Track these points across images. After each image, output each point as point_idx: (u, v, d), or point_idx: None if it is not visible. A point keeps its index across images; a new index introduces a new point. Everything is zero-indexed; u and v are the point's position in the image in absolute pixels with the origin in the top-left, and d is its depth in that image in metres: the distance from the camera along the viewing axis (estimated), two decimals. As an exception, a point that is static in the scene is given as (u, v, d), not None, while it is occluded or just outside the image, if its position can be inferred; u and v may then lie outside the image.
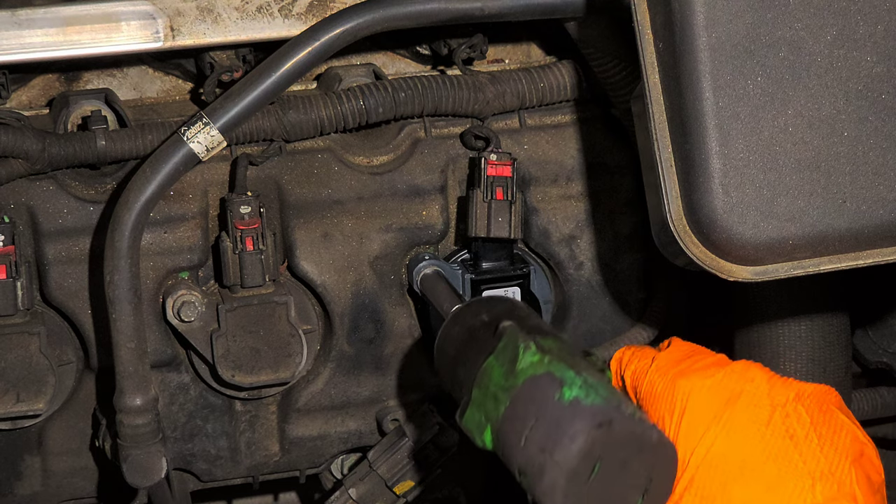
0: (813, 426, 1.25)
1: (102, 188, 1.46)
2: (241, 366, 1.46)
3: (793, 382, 1.28)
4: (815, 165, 1.20)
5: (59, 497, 1.57)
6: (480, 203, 1.48)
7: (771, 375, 1.28)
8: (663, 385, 1.28)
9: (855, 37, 1.20)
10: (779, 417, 1.25)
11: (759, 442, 1.24)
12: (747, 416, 1.24)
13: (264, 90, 1.36)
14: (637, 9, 1.22)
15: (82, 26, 1.38)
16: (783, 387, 1.27)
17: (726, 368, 1.28)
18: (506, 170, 1.47)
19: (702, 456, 1.24)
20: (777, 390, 1.26)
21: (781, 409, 1.25)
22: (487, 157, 1.47)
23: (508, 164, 1.47)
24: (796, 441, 1.24)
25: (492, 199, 1.47)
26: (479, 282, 1.52)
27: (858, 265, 1.24)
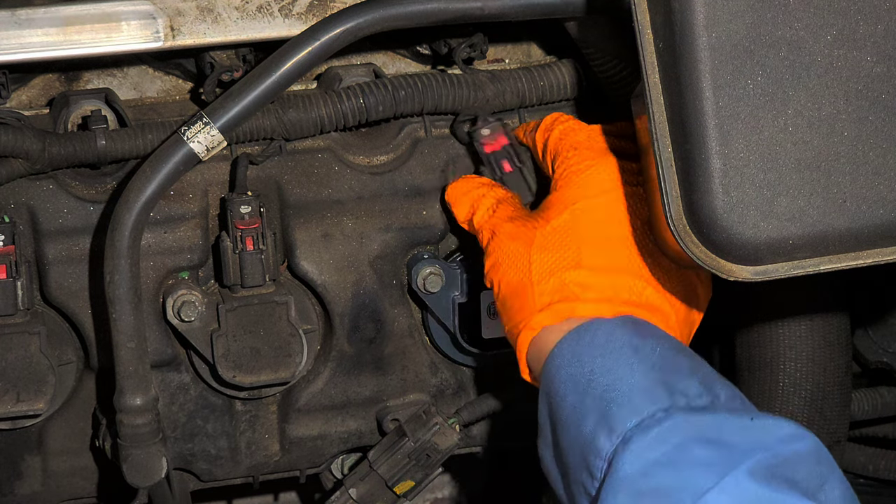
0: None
1: (102, 188, 1.46)
2: (241, 366, 1.46)
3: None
4: (815, 165, 1.20)
5: (59, 497, 1.57)
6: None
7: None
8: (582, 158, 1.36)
9: (855, 37, 1.20)
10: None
11: (628, 228, 1.32)
12: (636, 201, 1.33)
13: (264, 90, 1.36)
14: (637, 9, 1.22)
15: (82, 26, 1.38)
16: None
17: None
18: (501, 139, 1.47)
19: (573, 211, 1.33)
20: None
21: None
22: (481, 137, 1.46)
23: (501, 133, 1.46)
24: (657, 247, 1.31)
25: (502, 175, 1.47)
26: (478, 282, 1.52)
27: (858, 265, 1.24)
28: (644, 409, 1.18)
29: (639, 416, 1.18)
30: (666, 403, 1.18)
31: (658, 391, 1.20)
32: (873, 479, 1.87)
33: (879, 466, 1.83)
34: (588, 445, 1.20)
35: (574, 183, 1.35)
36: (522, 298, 1.33)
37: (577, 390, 1.24)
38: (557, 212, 1.34)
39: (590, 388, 1.23)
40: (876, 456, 1.83)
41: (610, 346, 1.25)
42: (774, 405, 1.59)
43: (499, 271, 1.36)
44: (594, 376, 1.24)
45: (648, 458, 1.14)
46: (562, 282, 1.32)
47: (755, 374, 1.60)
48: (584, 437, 1.21)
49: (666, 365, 1.23)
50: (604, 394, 1.22)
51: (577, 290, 1.31)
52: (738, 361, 1.63)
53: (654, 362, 1.23)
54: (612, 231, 1.33)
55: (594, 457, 1.19)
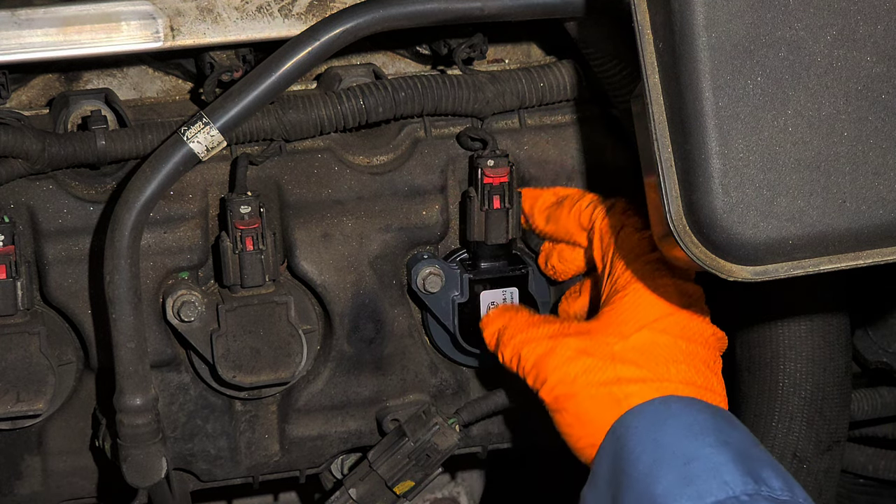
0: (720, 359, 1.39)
1: (102, 188, 1.46)
2: (241, 366, 1.46)
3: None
4: (815, 165, 1.20)
5: (59, 497, 1.57)
6: (478, 211, 1.49)
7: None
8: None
9: (855, 37, 1.20)
10: (717, 336, 1.39)
11: (699, 344, 1.37)
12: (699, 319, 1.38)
13: (264, 90, 1.36)
14: (637, 9, 1.22)
15: (82, 26, 1.38)
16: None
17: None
18: (503, 176, 1.48)
19: (653, 328, 1.36)
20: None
21: (719, 332, 1.40)
22: (484, 166, 1.47)
23: (505, 170, 1.48)
24: (717, 363, 1.38)
25: (489, 209, 1.48)
26: (477, 282, 1.52)
27: (858, 265, 1.24)
28: (732, 487, 1.21)
29: (725, 493, 1.21)
30: (752, 489, 1.22)
31: (745, 475, 1.23)
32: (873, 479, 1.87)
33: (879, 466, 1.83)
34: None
35: (644, 302, 1.37)
36: (613, 410, 1.34)
37: (657, 453, 1.26)
38: (633, 328, 1.36)
39: (672, 457, 1.26)
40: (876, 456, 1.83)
41: (696, 426, 1.29)
42: (774, 405, 1.59)
43: (577, 382, 1.36)
44: (677, 448, 1.26)
45: None
46: (659, 390, 1.34)
47: (755, 374, 1.60)
48: (655, 495, 1.23)
49: (750, 453, 1.26)
50: (686, 464, 1.24)
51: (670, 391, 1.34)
52: (738, 361, 1.63)
53: (738, 448, 1.26)
54: (688, 349, 1.36)
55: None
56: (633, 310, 1.37)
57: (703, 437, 1.27)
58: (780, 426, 1.59)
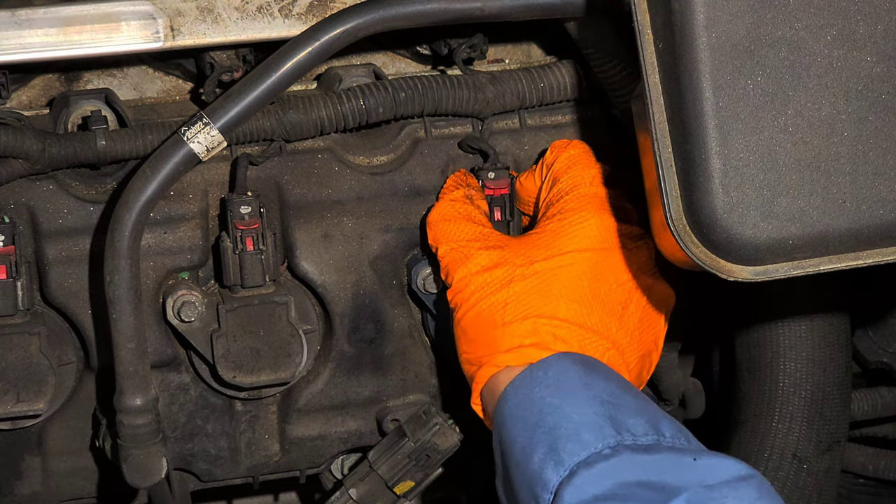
0: (641, 313, 1.39)
1: (102, 188, 1.46)
2: (241, 366, 1.46)
3: (659, 273, 1.40)
4: (815, 165, 1.20)
5: (59, 497, 1.57)
6: None
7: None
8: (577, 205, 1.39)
9: (855, 37, 1.20)
10: (632, 286, 1.38)
11: (605, 288, 1.36)
12: (615, 264, 1.38)
13: (264, 90, 1.36)
14: (637, 9, 1.22)
15: (82, 26, 1.38)
16: (650, 269, 1.40)
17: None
18: (504, 188, 1.48)
19: (559, 262, 1.36)
20: (646, 267, 1.40)
21: (634, 283, 1.38)
22: (485, 178, 1.48)
23: (506, 181, 1.48)
24: (625, 311, 1.38)
25: (491, 221, 1.48)
26: (479, 282, 1.52)
27: (858, 265, 1.24)
28: (591, 444, 1.21)
29: (586, 451, 1.21)
30: (612, 441, 1.22)
31: (606, 428, 1.23)
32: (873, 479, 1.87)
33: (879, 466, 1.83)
34: (536, 478, 1.23)
35: (566, 232, 1.38)
36: (490, 334, 1.36)
37: (526, 429, 1.27)
38: (543, 256, 1.37)
39: (539, 425, 1.26)
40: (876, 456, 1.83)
41: (562, 383, 1.29)
42: (774, 405, 1.59)
43: (468, 299, 1.38)
44: (543, 414, 1.27)
45: (590, 493, 1.18)
46: (535, 328, 1.35)
47: (755, 374, 1.60)
48: (532, 472, 1.24)
49: (615, 402, 1.26)
50: (553, 429, 1.25)
51: (549, 339, 1.34)
52: (738, 361, 1.63)
53: (603, 399, 1.27)
54: (591, 288, 1.36)
55: (541, 489, 1.22)
56: (550, 237, 1.38)
57: (568, 398, 1.27)
58: (780, 426, 1.59)
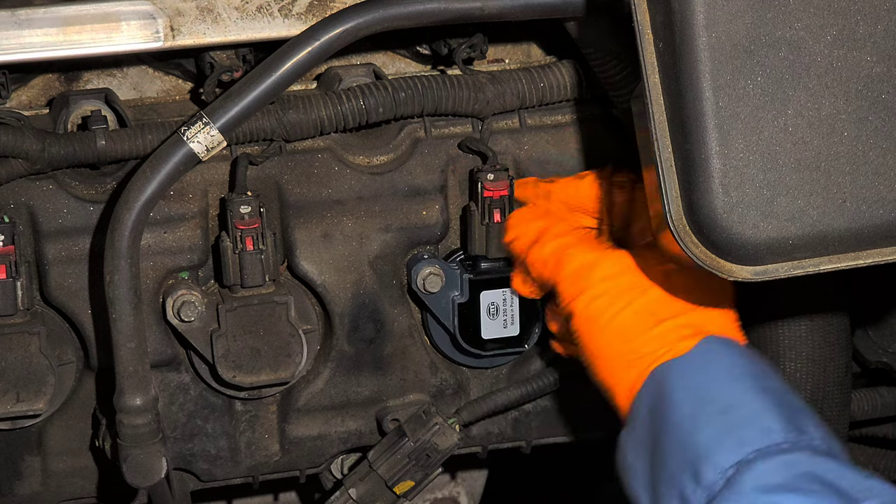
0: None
1: (102, 188, 1.46)
2: (241, 366, 1.46)
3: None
4: (815, 165, 1.20)
5: (59, 497, 1.57)
6: (479, 226, 1.49)
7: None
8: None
9: (855, 37, 1.20)
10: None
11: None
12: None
13: (264, 90, 1.36)
14: (637, 9, 1.22)
15: (82, 26, 1.38)
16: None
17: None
18: (503, 189, 1.48)
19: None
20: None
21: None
22: (484, 180, 1.48)
23: (505, 183, 1.48)
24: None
25: (489, 223, 1.48)
26: (477, 282, 1.52)
27: (858, 265, 1.24)
28: (775, 434, 1.22)
29: (768, 440, 1.21)
30: (793, 436, 1.22)
31: (785, 422, 1.23)
32: (873, 479, 1.86)
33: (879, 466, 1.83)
34: (701, 454, 1.23)
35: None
36: (646, 334, 1.34)
37: (695, 400, 1.27)
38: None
39: (711, 402, 1.26)
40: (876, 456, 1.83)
41: (734, 371, 1.29)
42: (774, 405, 1.59)
43: (616, 302, 1.35)
44: (717, 394, 1.27)
45: (772, 481, 1.18)
46: (701, 321, 1.35)
47: (755, 374, 1.60)
48: (697, 446, 1.24)
49: (788, 402, 1.27)
50: (727, 411, 1.25)
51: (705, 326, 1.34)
52: (738, 361, 1.63)
53: (777, 396, 1.27)
54: (724, 288, 1.37)
55: (708, 466, 1.22)
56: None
57: (743, 383, 1.27)
58: (781, 426, 1.59)
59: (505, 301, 1.53)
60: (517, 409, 1.62)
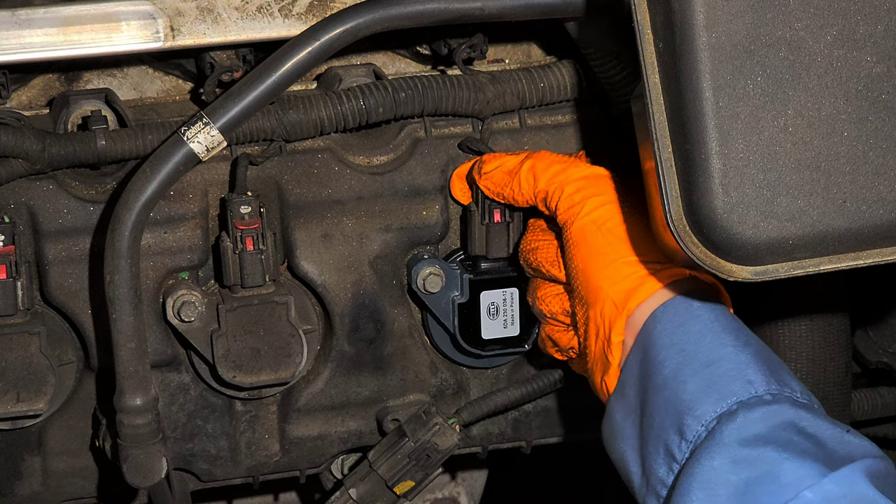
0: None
1: (102, 188, 1.46)
2: (241, 366, 1.46)
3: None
4: (815, 165, 1.20)
5: (59, 497, 1.57)
6: (479, 226, 1.49)
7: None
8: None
9: (855, 37, 1.20)
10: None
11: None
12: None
13: (264, 90, 1.36)
14: (637, 9, 1.22)
15: (82, 26, 1.38)
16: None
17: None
18: None
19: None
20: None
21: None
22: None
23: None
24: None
25: (489, 223, 1.48)
26: (477, 282, 1.52)
27: (858, 265, 1.24)
28: (756, 386, 1.23)
29: (749, 392, 1.23)
30: (776, 389, 1.23)
31: (767, 375, 1.25)
32: (873, 479, 1.86)
33: (879, 466, 1.82)
34: (685, 407, 1.24)
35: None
36: (646, 244, 1.34)
37: (680, 356, 1.28)
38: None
39: (696, 356, 1.27)
40: (876, 456, 1.83)
41: (716, 325, 1.30)
42: (774, 405, 1.59)
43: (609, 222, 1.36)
44: (700, 347, 1.28)
45: (753, 432, 1.20)
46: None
47: (755, 375, 1.60)
48: (682, 400, 1.25)
49: (768, 356, 1.28)
50: (710, 365, 1.26)
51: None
52: (738, 361, 1.63)
53: (757, 350, 1.28)
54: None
55: (691, 419, 1.23)
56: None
57: (725, 337, 1.29)
58: (781, 426, 1.59)
59: (505, 301, 1.53)
60: (517, 409, 1.62)
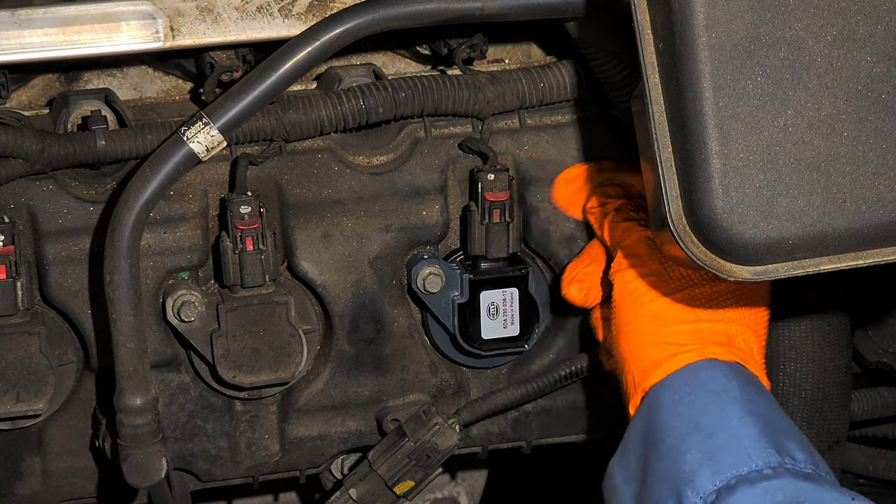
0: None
1: (102, 188, 1.46)
2: (241, 366, 1.46)
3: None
4: (815, 165, 1.20)
5: (59, 497, 1.57)
6: (478, 225, 1.49)
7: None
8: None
9: (855, 37, 1.20)
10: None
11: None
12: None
13: (264, 90, 1.36)
14: (637, 9, 1.22)
15: (82, 26, 1.38)
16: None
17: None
18: (504, 196, 1.48)
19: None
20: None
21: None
22: (484, 180, 1.48)
23: (505, 183, 1.48)
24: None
25: (489, 222, 1.48)
26: (477, 282, 1.52)
27: (858, 265, 1.24)
28: (755, 460, 1.22)
29: (748, 466, 1.22)
30: (775, 462, 1.22)
31: (768, 447, 1.24)
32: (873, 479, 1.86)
33: (879, 466, 1.83)
34: (685, 478, 1.24)
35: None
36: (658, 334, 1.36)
37: (684, 426, 1.28)
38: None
39: (698, 428, 1.27)
40: (876, 456, 1.83)
41: (724, 395, 1.29)
42: (774, 405, 1.59)
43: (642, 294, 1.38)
44: (704, 418, 1.27)
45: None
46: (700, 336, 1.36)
47: (755, 375, 1.60)
48: (681, 470, 1.25)
49: (775, 424, 1.27)
50: (712, 437, 1.26)
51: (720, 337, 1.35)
52: (738, 361, 1.63)
53: (764, 419, 1.27)
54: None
55: (690, 490, 1.23)
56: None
57: (730, 408, 1.28)
58: (781, 426, 1.59)
59: (505, 301, 1.53)
60: (517, 409, 1.62)
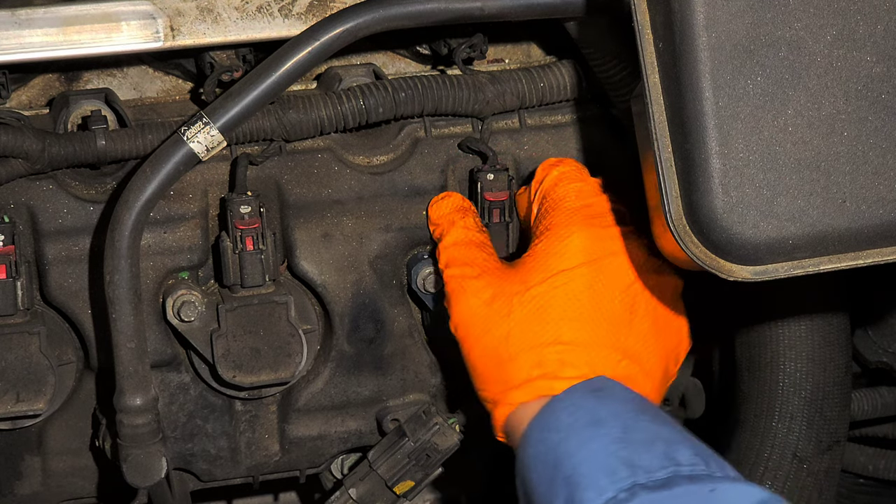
0: (654, 312, 1.37)
1: (102, 188, 1.46)
2: (241, 366, 1.46)
3: (662, 265, 1.37)
4: (815, 165, 1.20)
5: (59, 497, 1.57)
6: None
7: (646, 254, 1.38)
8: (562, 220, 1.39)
9: (855, 37, 1.20)
10: (636, 289, 1.36)
11: (606, 300, 1.35)
12: (613, 271, 1.36)
13: (264, 90, 1.36)
14: (637, 9, 1.22)
15: (82, 26, 1.38)
16: (651, 265, 1.38)
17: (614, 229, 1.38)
18: (503, 196, 1.48)
19: (553, 283, 1.35)
20: (647, 265, 1.38)
21: (639, 285, 1.37)
22: (484, 180, 1.48)
23: (504, 183, 1.48)
24: (634, 316, 1.35)
25: (489, 223, 1.48)
26: (478, 282, 1.52)
27: (858, 265, 1.24)
28: (607, 490, 1.20)
29: (602, 498, 1.20)
30: (627, 483, 1.20)
31: (620, 469, 1.22)
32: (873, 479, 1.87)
33: (879, 466, 1.83)
34: None
35: (554, 250, 1.37)
36: (498, 370, 1.36)
37: (546, 476, 1.27)
38: (536, 280, 1.36)
39: (557, 473, 1.26)
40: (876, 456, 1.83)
41: (574, 426, 1.28)
42: (774, 405, 1.59)
43: (471, 334, 1.38)
44: (560, 461, 1.26)
45: None
46: (540, 358, 1.34)
47: (755, 374, 1.60)
48: None
49: (627, 436, 1.25)
50: (570, 478, 1.24)
51: (556, 366, 1.34)
52: (737, 361, 1.63)
53: (615, 436, 1.26)
54: (592, 303, 1.35)
55: None
56: (542, 259, 1.38)
57: (583, 440, 1.26)
58: (780, 426, 1.59)
59: (505, 301, 1.53)
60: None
